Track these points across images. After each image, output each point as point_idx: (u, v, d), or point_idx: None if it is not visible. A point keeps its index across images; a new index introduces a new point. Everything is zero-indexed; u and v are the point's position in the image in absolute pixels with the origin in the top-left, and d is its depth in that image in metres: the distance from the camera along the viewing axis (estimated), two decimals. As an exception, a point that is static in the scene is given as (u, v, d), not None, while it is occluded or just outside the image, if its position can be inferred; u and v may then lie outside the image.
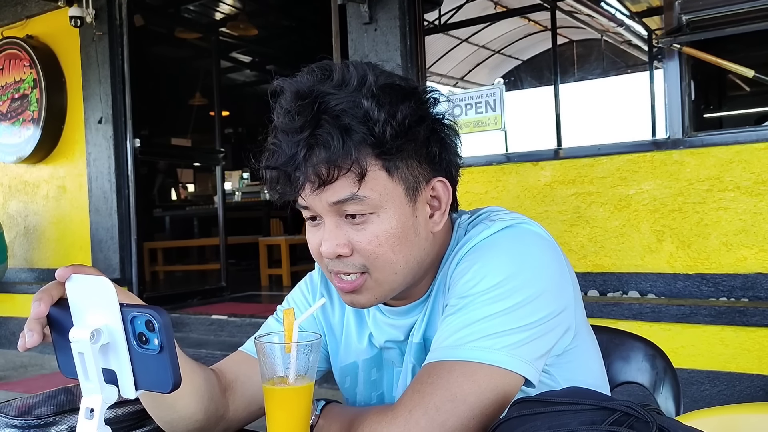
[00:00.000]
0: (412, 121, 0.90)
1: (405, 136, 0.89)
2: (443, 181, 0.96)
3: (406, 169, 0.91)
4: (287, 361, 0.82)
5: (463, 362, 0.84)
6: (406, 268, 0.93)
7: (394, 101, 0.88)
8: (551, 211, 3.64)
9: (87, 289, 0.65)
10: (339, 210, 0.90)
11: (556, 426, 0.68)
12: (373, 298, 0.95)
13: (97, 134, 5.40)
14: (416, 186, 0.92)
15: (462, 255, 0.94)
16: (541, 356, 0.89)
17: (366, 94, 0.87)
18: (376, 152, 0.87)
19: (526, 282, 0.88)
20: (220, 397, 1.00)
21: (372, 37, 4.11)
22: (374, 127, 0.86)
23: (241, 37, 7.74)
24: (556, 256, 0.94)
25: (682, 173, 3.31)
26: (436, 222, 0.96)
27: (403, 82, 0.93)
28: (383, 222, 0.90)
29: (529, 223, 0.96)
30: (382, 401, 1.08)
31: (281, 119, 0.90)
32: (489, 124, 3.88)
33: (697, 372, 2.95)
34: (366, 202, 0.88)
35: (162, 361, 0.63)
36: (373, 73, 0.89)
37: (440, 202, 0.96)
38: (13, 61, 5.84)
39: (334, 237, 0.90)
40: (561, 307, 0.91)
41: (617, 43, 6.14)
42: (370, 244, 0.90)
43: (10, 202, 6.13)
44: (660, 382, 1.27)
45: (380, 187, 0.89)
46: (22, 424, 0.92)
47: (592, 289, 3.51)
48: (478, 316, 0.86)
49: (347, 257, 0.91)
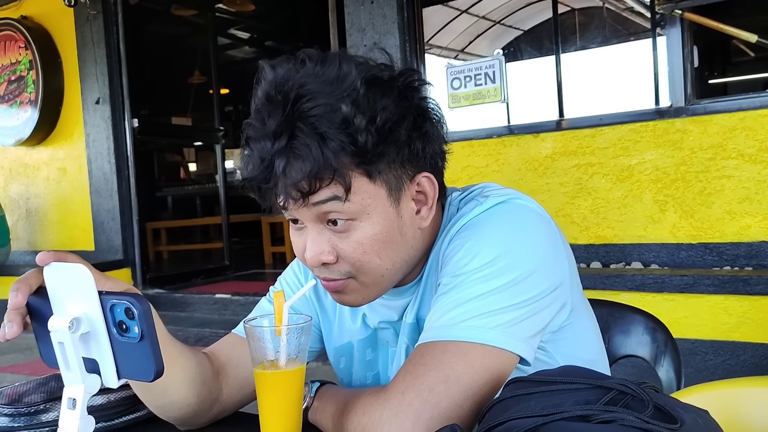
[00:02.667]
0: (393, 123, 0.85)
1: (386, 141, 0.84)
2: (428, 176, 0.91)
3: (388, 171, 0.86)
4: (277, 345, 0.81)
5: (456, 342, 0.82)
6: (392, 270, 0.91)
7: (374, 100, 0.83)
8: (552, 183, 3.61)
9: (65, 278, 0.63)
10: (321, 216, 0.86)
11: (550, 406, 0.67)
12: (360, 298, 0.93)
13: (95, 115, 5.37)
14: (399, 186, 0.88)
15: (454, 233, 0.92)
16: (536, 334, 0.87)
17: (345, 96, 0.82)
18: (356, 160, 0.83)
19: (519, 259, 0.86)
20: (212, 380, 0.99)
21: (369, 11, 4.05)
22: (354, 135, 0.81)
23: (238, 12, 7.65)
24: (550, 231, 0.92)
25: (684, 142, 3.28)
26: (423, 218, 0.92)
27: (384, 73, 0.87)
28: (366, 228, 0.86)
29: (522, 198, 0.94)
30: (378, 381, 1.07)
31: (252, 119, 0.85)
32: (489, 96, 3.83)
33: (701, 342, 2.94)
34: (348, 206, 0.84)
35: (143, 349, 0.62)
36: (353, 66, 0.84)
37: (426, 196, 0.92)
38: (9, 43, 5.80)
39: (318, 245, 0.87)
40: (556, 283, 0.89)
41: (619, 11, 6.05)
42: (355, 252, 0.87)
43: (11, 185, 6.13)
44: (661, 355, 1.26)
45: (362, 191, 0.85)
46: (13, 412, 0.91)
47: (594, 260, 3.49)
48: (471, 295, 0.84)
49: (332, 264, 0.88)
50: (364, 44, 4.08)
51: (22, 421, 0.90)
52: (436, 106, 0.94)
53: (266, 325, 0.83)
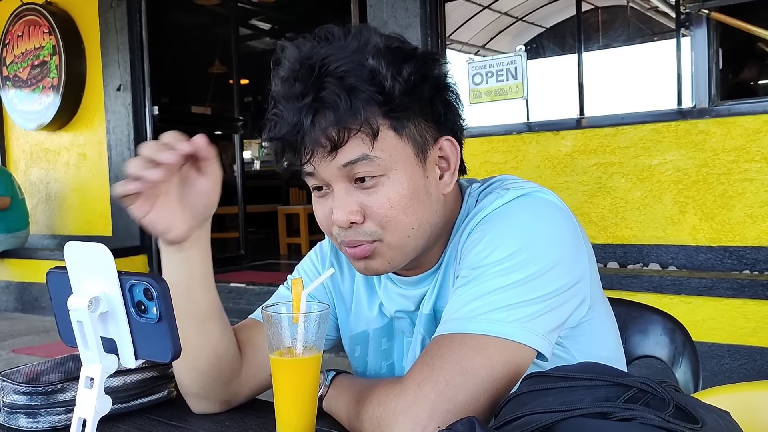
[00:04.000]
0: (417, 79, 0.87)
1: (411, 94, 0.87)
2: (450, 140, 0.94)
3: (413, 128, 0.89)
4: (294, 332, 0.81)
5: (474, 335, 0.81)
6: (419, 230, 0.91)
7: (398, 60, 0.86)
8: (572, 181, 3.59)
9: (85, 256, 0.63)
10: (349, 174, 0.87)
11: (569, 402, 0.66)
12: (386, 263, 0.92)
13: (117, 101, 5.41)
14: (425, 145, 0.90)
15: (474, 225, 0.91)
16: (555, 329, 0.86)
17: (369, 53, 0.85)
18: (384, 110, 0.85)
19: (540, 253, 0.85)
20: (237, 351, 1.00)
21: (391, 3, 4.04)
22: (382, 82, 0.84)
23: (260, 3, 7.66)
24: (572, 226, 0.91)
25: (707, 143, 3.24)
26: (446, 183, 0.94)
27: (403, 44, 0.91)
28: (394, 184, 0.87)
29: (543, 191, 0.93)
30: (392, 371, 1.06)
31: (280, 87, 0.87)
32: (510, 92, 3.81)
33: (718, 345, 2.91)
34: (377, 162, 0.86)
35: (161, 330, 0.62)
36: (375, 34, 0.88)
37: (449, 162, 0.94)
38: (33, 28, 5.85)
39: (345, 204, 0.88)
40: (576, 278, 0.88)
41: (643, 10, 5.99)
42: (382, 207, 0.87)
43: (32, 169, 6.19)
44: (679, 357, 1.24)
45: (390, 147, 0.86)
46: (30, 390, 0.91)
47: (612, 260, 3.46)
48: (490, 288, 0.83)
49: (360, 225, 0.88)
50: (385, 37, 4.07)
51: (40, 400, 0.91)
52: (455, 84, 0.96)
53: (284, 311, 0.83)
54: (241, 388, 1.02)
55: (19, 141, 6.30)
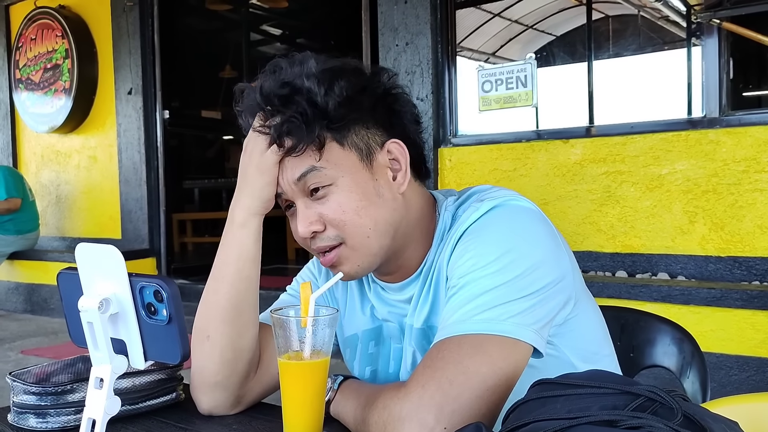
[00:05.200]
0: (353, 92, 0.94)
1: (348, 106, 0.94)
2: (397, 143, 0.99)
3: (355, 137, 0.95)
4: (303, 336, 0.82)
5: (472, 335, 0.84)
6: (376, 230, 0.95)
7: (332, 78, 0.94)
8: (580, 189, 3.58)
9: (96, 258, 0.64)
10: (304, 188, 0.94)
11: (576, 409, 0.66)
12: (355, 266, 0.97)
13: (128, 105, 5.44)
14: (369, 151, 0.97)
15: (456, 240, 0.95)
16: (545, 325, 0.89)
17: (305, 76, 0.93)
18: (323, 123, 0.92)
19: (523, 254, 0.89)
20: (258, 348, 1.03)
21: (402, 10, 4.05)
22: (317, 100, 0.92)
23: (271, 9, 7.69)
24: (548, 228, 0.96)
25: (717, 153, 3.22)
26: (400, 183, 0.99)
27: (342, 64, 0.98)
28: (343, 190, 0.94)
29: (517, 198, 0.97)
30: (375, 377, 1.09)
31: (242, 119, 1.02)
32: (520, 100, 3.81)
33: (726, 356, 2.89)
34: (324, 172, 0.93)
35: (171, 332, 0.62)
36: (311, 59, 0.96)
37: (399, 163, 0.99)
38: (46, 31, 5.89)
39: (305, 217, 0.95)
40: (560, 276, 0.92)
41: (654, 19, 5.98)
42: (336, 213, 0.94)
43: (43, 171, 6.23)
44: (687, 367, 1.24)
45: (334, 157, 0.93)
46: (40, 390, 0.92)
47: (620, 269, 3.45)
48: (481, 290, 0.87)
49: (322, 233, 0.95)
50: (396, 44, 4.08)
51: (49, 401, 0.92)
52: (403, 92, 1.03)
53: (293, 315, 0.83)
54: (254, 387, 1.03)
55: (30, 143, 6.34)
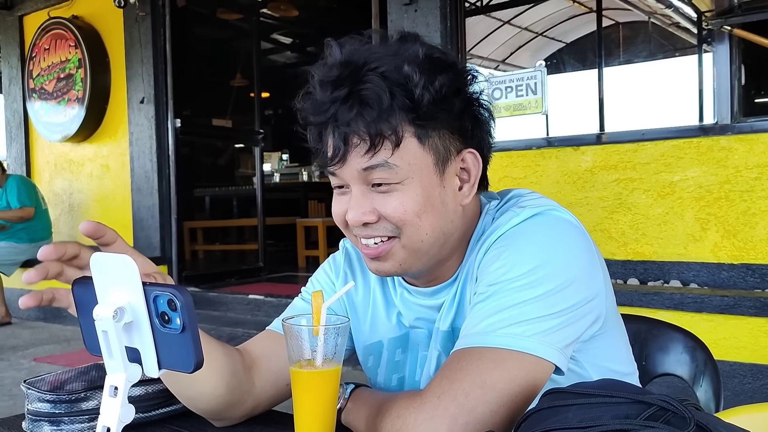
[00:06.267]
0: (449, 91, 0.90)
1: (441, 105, 0.89)
2: (473, 153, 0.95)
3: (437, 139, 0.91)
4: (315, 344, 0.81)
5: (493, 349, 0.82)
6: (432, 236, 0.93)
7: (433, 70, 0.88)
8: (591, 197, 3.57)
9: (110, 268, 0.64)
10: (366, 178, 0.90)
11: (588, 419, 0.66)
12: (397, 264, 0.94)
13: (140, 114, 5.48)
14: (446, 156, 0.92)
15: (490, 243, 0.93)
16: (571, 344, 0.87)
17: (407, 59, 0.87)
18: (411, 117, 0.88)
19: (556, 269, 0.86)
20: (243, 373, 0.99)
21: (412, 18, 4.06)
22: (413, 90, 0.86)
23: (281, 18, 7.74)
24: (586, 244, 0.92)
25: (729, 160, 3.21)
26: (465, 194, 0.96)
27: (444, 56, 0.93)
28: (409, 191, 0.90)
29: (558, 209, 0.94)
30: (402, 385, 1.06)
31: (318, 72, 0.91)
32: (530, 107, 3.81)
33: (740, 365, 2.87)
34: (395, 171, 0.88)
35: (184, 341, 0.62)
36: (417, 42, 0.91)
37: (469, 174, 0.96)
38: (59, 41, 5.95)
39: (360, 205, 0.91)
40: (591, 295, 0.89)
41: (665, 26, 5.96)
42: (396, 211, 0.90)
43: (56, 180, 6.28)
44: (700, 376, 1.23)
45: (410, 155, 0.89)
46: (54, 398, 0.93)
47: (632, 277, 3.43)
48: (508, 303, 0.84)
49: (374, 224, 0.91)
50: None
51: (63, 408, 0.92)
52: (489, 102, 0.98)
53: (304, 323, 0.83)
54: (259, 401, 1.02)
55: (43, 152, 6.40)
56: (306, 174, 8.49)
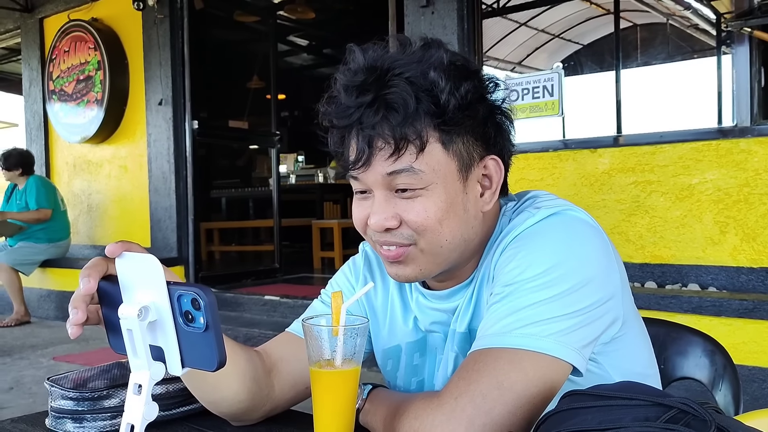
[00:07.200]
0: (474, 98, 0.91)
1: (466, 111, 0.89)
2: (496, 160, 0.96)
3: (461, 145, 0.91)
4: (334, 345, 0.82)
5: (510, 349, 0.82)
6: (452, 243, 0.93)
7: (459, 77, 0.89)
8: (609, 199, 3.55)
9: (135, 267, 0.66)
10: (390, 183, 0.90)
11: (608, 421, 0.66)
12: (418, 270, 0.94)
13: (158, 116, 5.52)
14: (469, 163, 0.93)
15: (506, 243, 0.93)
16: (588, 344, 0.87)
17: (432, 65, 0.88)
18: (436, 122, 0.88)
19: (573, 269, 0.86)
20: (263, 377, 1.00)
21: (429, 20, 4.07)
22: (439, 95, 0.87)
23: (298, 20, 7.77)
24: (603, 244, 0.92)
25: (749, 163, 3.18)
26: (487, 201, 0.96)
27: (468, 63, 0.94)
28: (432, 197, 0.90)
29: (574, 209, 0.94)
30: (422, 387, 1.07)
31: (342, 77, 0.91)
32: (546, 109, 3.80)
33: (759, 369, 2.84)
34: (420, 176, 0.89)
35: (207, 340, 0.63)
36: (442, 49, 0.91)
37: (491, 181, 0.96)
38: (79, 44, 6.02)
39: (383, 210, 0.91)
40: (608, 295, 0.89)
41: (683, 28, 5.92)
42: (418, 216, 0.90)
43: (75, 181, 6.35)
44: (719, 379, 1.22)
45: (434, 161, 0.89)
46: (77, 396, 0.94)
47: (649, 280, 3.41)
48: (525, 304, 0.84)
49: (395, 229, 0.91)
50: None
51: (86, 406, 0.94)
52: (510, 110, 0.98)
53: (324, 324, 0.84)
54: (277, 403, 1.03)
55: (63, 153, 6.47)
56: (321, 176, 8.51)
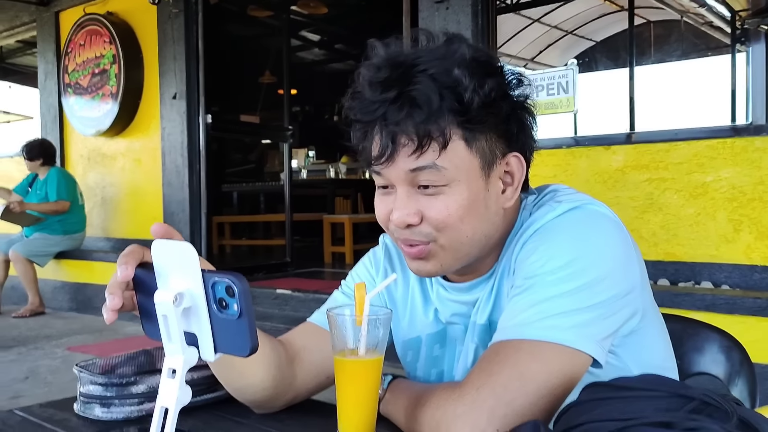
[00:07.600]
0: (497, 95, 0.90)
1: (489, 108, 0.89)
2: (518, 157, 0.96)
3: (484, 142, 0.91)
4: (358, 334, 0.84)
5: (531, 341, 0.83)
6: (473, 239, 0.93)
7: (482, 73, 0.89)
8: (622, 196, 3.55)
9: (170, 254, 0.67)
10: (413, 180, 0.90)
11: (630, 411, 0.66)
12: (439, 265, 0.95)
13: (172, 110, 5.55)
14: (492, 160, 0.93)
15: (527, 237, 0.94)
16: (608, 336, 0.87)
17: (456, 62, 0.88)
18: (460, 120, 0.88)
19: (593, 262, 0.87)
20: (287, 366, 1.02)
21: (443, 16, 4.07)
22: (463, 93, 0.87)
23: (311, 15, 7.78)
24: (623, 237, 0.93)
25: (763, 161, 3.17)
26: (508, 198, 0.96)
27: (490, 59, 0.94)
28: (455, 193, 0.90)
29: (595, 203, 0.95)
30: (442, 378, 1.08)
31: (365, 72, 0.91)
32: (561, 106, 3.79)
33: (772, 368, 2.84)
34: (443, 173, 0.89)
35: (241, 326, 0.65)
36: (465, 45, 0.91)
37: (513, 178, 0.96)
38: (94, 37, 6.06)
39: (405, 206, 0.91)
40: (628, 288, 0.90)
41: (698, 25, 5.89)
42: (440, 213, 0.90)
43: (89, 174, 6.39)
44: (735, 375, 1.23)
45: (458, 158, 0.89)
46: (106, 381, 0.96)
47: (662, 278, 3.41)
48: (545, 296, 0.85)
49: (415, 226, 0.92)
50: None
51: (114, 391, 0.96)
52: (533, 106, 0.98)
53: (348, 314, 0.85)
54: (299, 392, 1.05)
55: (77, 146, 6.52)
56: (333, 171, 8.53)
